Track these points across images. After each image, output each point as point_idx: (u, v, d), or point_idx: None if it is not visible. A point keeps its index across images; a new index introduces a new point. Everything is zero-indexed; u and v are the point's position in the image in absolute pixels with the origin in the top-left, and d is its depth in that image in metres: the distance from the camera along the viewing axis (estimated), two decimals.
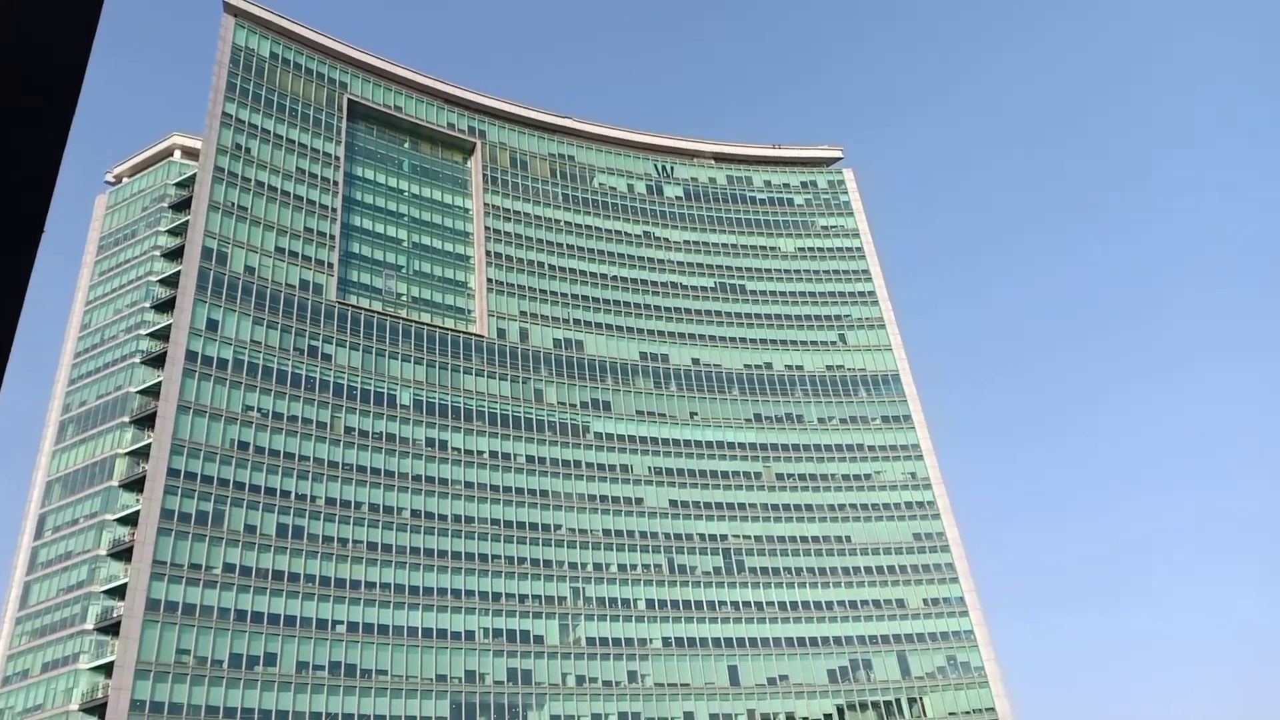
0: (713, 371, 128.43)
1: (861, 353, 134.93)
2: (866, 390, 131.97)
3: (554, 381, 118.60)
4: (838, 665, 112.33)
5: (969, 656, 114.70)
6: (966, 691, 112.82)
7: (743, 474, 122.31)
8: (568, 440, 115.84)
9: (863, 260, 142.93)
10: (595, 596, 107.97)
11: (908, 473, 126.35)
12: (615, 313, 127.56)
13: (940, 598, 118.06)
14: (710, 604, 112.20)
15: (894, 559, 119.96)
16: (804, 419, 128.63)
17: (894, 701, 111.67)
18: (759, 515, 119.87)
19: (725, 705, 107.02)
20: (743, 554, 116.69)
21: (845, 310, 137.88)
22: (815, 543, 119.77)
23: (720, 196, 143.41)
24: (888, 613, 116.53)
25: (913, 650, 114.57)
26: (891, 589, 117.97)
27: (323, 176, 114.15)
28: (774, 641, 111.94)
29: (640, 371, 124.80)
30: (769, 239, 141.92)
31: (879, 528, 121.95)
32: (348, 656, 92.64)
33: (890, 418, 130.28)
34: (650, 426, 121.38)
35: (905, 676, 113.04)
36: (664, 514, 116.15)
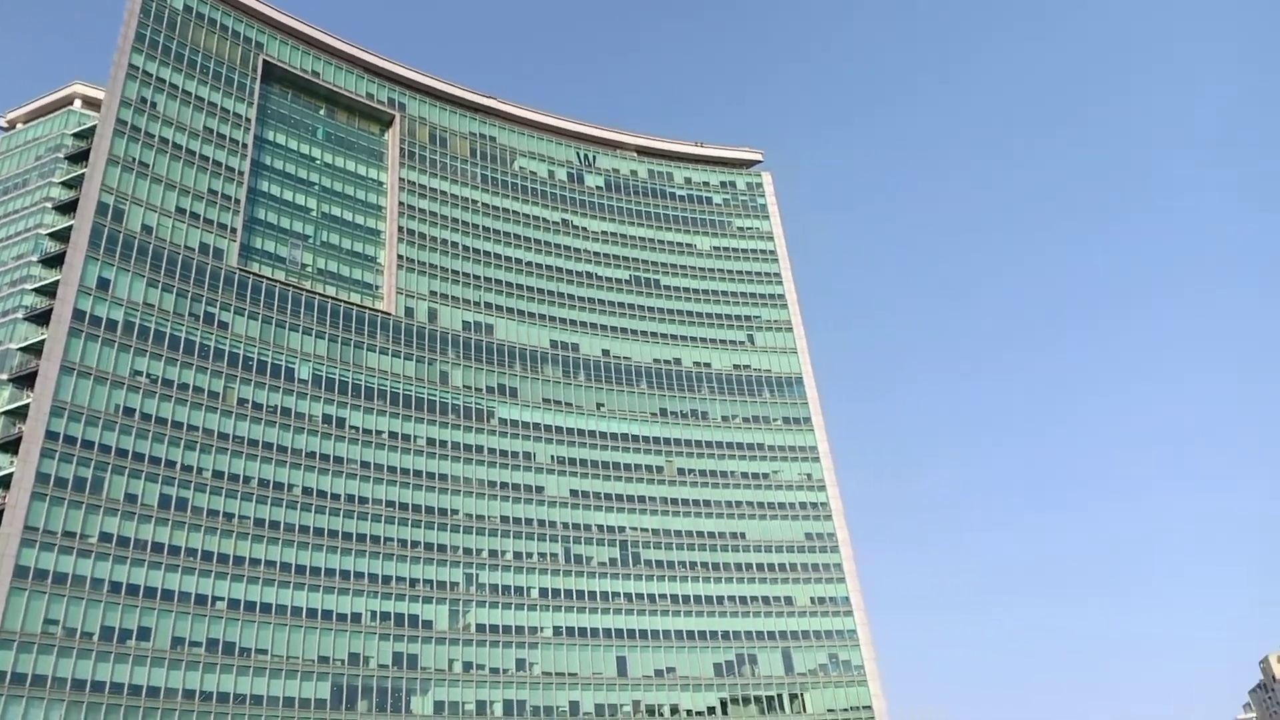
0: (622, 364, 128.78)
1: (768, 354, 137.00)
2: (770, 391, 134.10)
3: (461, 364, 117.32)
4: (724, 659, 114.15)
5: (850, 655, 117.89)
6: (846, 689, 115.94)
7: (645, 467, 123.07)
8: (471, 425, 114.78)
9: (775, 264, 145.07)
10: (488, 583, 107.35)
11: (804, 474, 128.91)
12: (528, 298, 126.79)
13: (827, 597, 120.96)
14: (604, 594, 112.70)
15: (785, 557, 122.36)
16: (708, 416, 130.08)
17: (776, 697, 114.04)
18: (658, 509, 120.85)
19: (612, 696, 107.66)
20: (639, 546, 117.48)
21: (755, 312, 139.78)
22: (711, 538, 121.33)
23: (641, 190, 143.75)
24: (775, 610, 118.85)
25: (797, 647, 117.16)
26: (781, 586, 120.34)
27: (231, 138, 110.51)
28: (664, 634, 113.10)
29: (550, 359, 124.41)
30: (686, 236, 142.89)
31: (773, 526, 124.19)
32: (226, 634, 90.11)
33: (791, 419, 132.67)
34: (556, 415, 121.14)
35: (789, 673, 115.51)
36: (564, 503, 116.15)
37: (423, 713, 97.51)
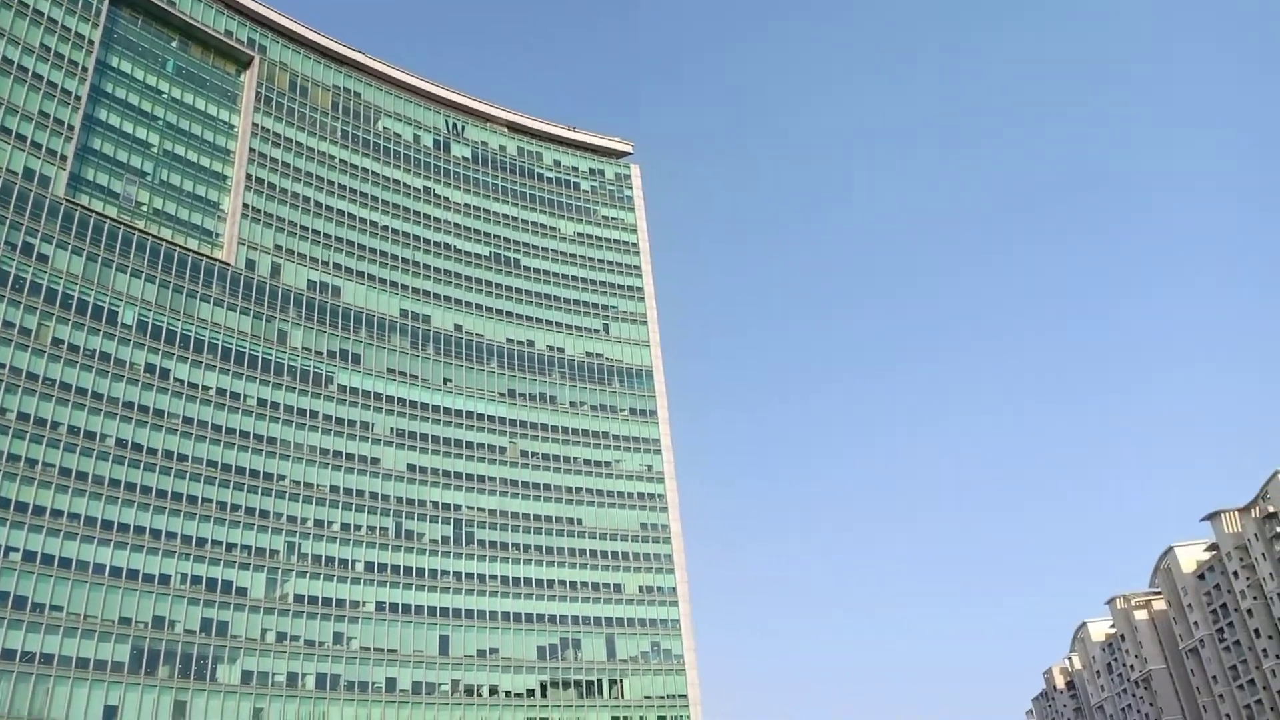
0: (474, 340, 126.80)
1: (621, 345, 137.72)
2: (620, 382, 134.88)
3: (301, 325, 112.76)
4: (548, 643, 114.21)
5: (672, 644, 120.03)
6: (665, 677, 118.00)
7: (488, 447, 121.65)
8: (307, 389, 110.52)
9: (636, 256, 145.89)
10: (311, 553, 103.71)
11: (645, 465, 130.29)
12: (380, 264, 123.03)
13: (655, 586, 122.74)
14: (432, 572, 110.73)
15: (619, 545, 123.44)
16: (557, 401, 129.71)
17: (596, 682, 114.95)
18: (497, 489, 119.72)
19: (431, 674, 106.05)
20: (474, 526, 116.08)
21: (613, 302, 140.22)
22: (548, 522, 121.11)
23: (509, 166, 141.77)
24: (604, 596, 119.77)
25: (621, 634, 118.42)
26: (612, 574, 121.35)
27: (70, 59, 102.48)
28: (489, 615, 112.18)
29: (398, 329, 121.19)
30: (550, 218, 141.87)
31: (611, 514, 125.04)
32: (19, 587, 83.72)
33: (638, 411, 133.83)
34: (400, 387, 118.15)
35: (610, 658, 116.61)
36: (400, 477, 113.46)
37: (229, 681, 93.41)
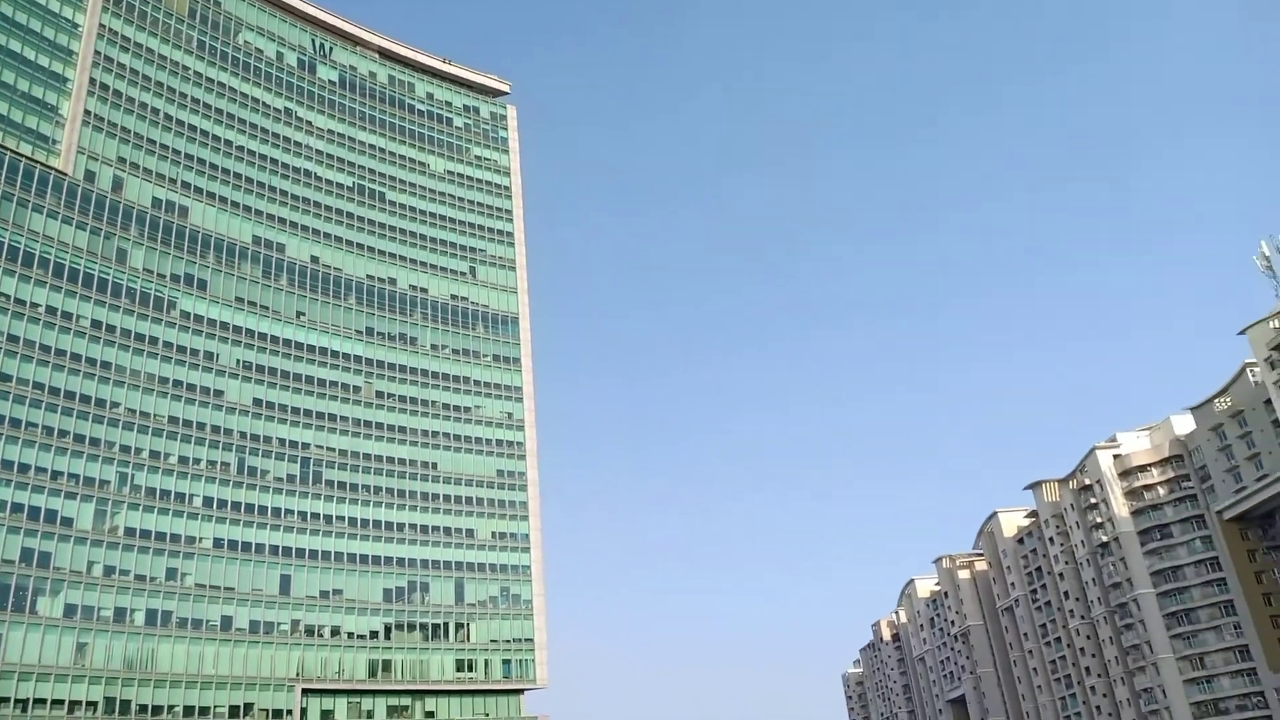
0: (331, 274, 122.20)
1: (488, 289, 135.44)
2: (485, 327, 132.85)
3: (144, 245, 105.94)
4: (395, 585, 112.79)
5: (521, 590, 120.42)
6: (512, 621, 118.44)
7: (341, 385, 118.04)
8: (148, 313, 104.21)
9: (508, 200, 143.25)
10: (145, 486, 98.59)
11: (505, 412, 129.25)
12: (234, 186, 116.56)
13: (508, 533, 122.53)
14: (275, 510, 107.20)
15: (474, 491, 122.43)
16: (418, 342, 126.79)
17: (443, 625, 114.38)
18: (349, 430, 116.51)
19: (270, 614, 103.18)
20: (323, 465, 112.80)
21: (481, 244, 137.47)
22: (401, 465, 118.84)
23: (378, 95, 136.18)
24: (455, 541, 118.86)
25: (471, 579, 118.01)
26: (465, 519, 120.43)
27: None
28: (335, 556, 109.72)
29: (250, 256, 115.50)
30: (420, 153, 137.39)
31: (467, 460, 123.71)
32: None
33: (501, 358, 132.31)
34: (249, 317, 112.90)
35: (459, 602, 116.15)
36: (245, 411, 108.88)
37: (50, 614, 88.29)
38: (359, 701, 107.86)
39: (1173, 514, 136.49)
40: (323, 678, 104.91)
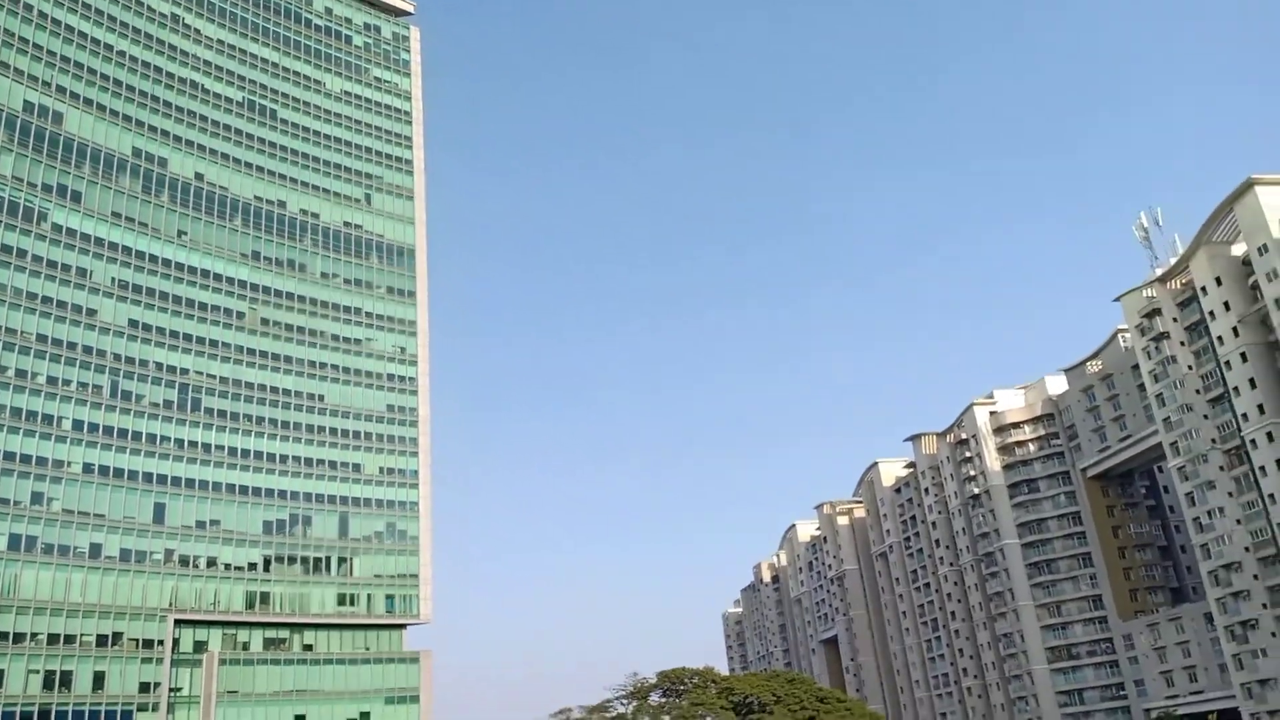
0: (217, 193, 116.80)
1: (384, 219, 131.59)
2: (379, 257, 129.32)
3: (14, 151, 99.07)
4: (276, 518, 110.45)
5: (408, 526, 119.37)
6: (397, 557, 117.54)
7: (224, 310, 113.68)
8: (15, 224, 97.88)
9: (408, 126, 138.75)
10: (10, 406, 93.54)
11: (398, 346, 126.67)
12: (114, 94, 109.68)
13: (396, 468, 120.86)
14: (150, 437, 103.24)
15: (362, 425, 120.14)
16: (307, 269, 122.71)
17: (325, 559, 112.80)
18: (231, 356, 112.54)
19: (143, 543, 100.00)
20: (202, 392, 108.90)
21: (378, 171, 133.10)
22: (286, 395, 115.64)
23: (273, 6, 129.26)
24: (341, 475, 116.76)
25: (356, 513, 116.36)
26: (352, 453, 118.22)
27: None
28: (213, 485, 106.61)
29: (130, 169, 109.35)
30: (316, 71, 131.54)
31: (356, 393, 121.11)
32: None
33: (395, 290, 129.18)
34: (126, 234, 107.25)
35: (342, 536, 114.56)
36: (119, 333, 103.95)
37: None
38: (234, 633, 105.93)
39: (1041, 470, 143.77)
40: (197, 608, 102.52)
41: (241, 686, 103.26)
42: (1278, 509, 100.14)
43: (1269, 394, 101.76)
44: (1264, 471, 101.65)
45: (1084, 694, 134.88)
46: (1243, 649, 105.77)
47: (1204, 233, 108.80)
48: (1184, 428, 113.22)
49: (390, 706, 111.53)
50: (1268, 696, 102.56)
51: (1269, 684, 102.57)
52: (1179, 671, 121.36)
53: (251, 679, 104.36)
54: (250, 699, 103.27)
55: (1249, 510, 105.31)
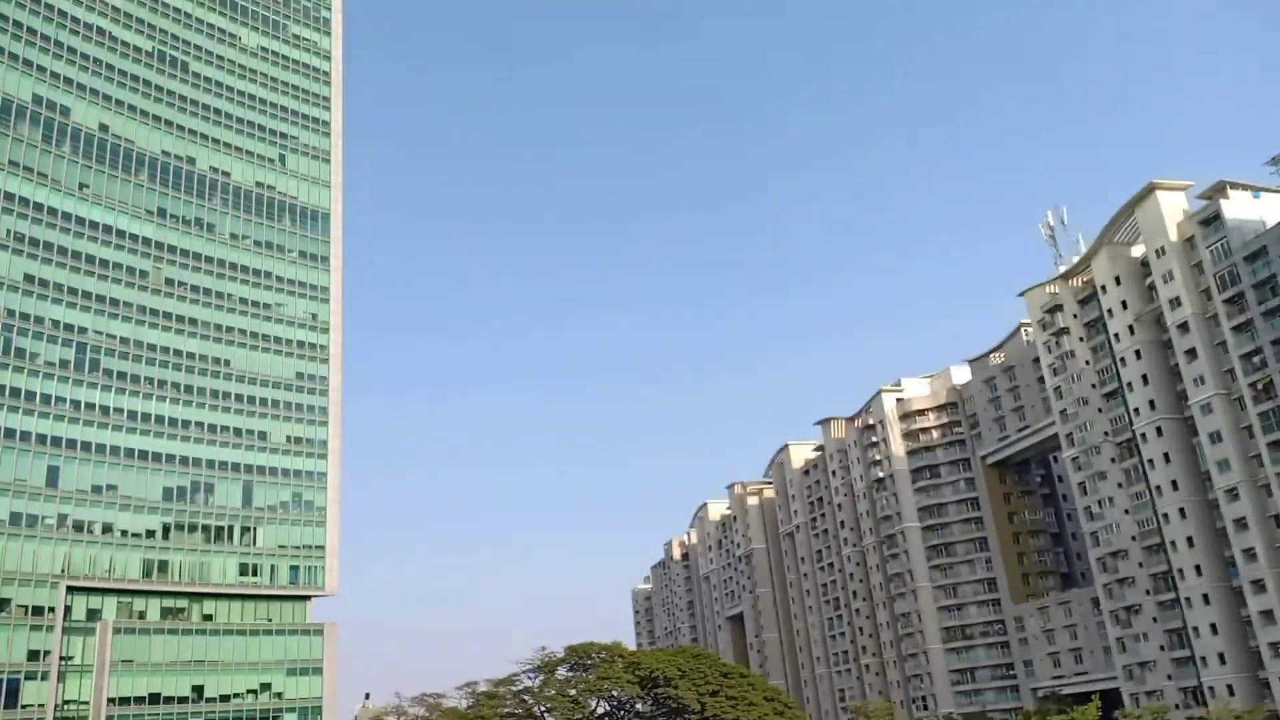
0: (123, 146, 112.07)
1: (298, 181, 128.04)
2: (292, 220, 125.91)
3: None
4: (177, 484, 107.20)
5: (315, 497, 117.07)
6: (303, 528, 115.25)
7: (127, 268, 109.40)
8: None
9: (327, 86, 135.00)
10: None
11: (310, 313, 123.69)
12: (13, 36, 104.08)
13: (304, 438, 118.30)
14: (45, 397, 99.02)
15: (270, 393, 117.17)
16: (216, 229, 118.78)
17: (227, 528, 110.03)
18: (133, 316, 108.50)
19: (35, 506, 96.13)
20: (101, 352, 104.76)
21: (294, 132, 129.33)
22: (190, 359, 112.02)
23: None
24: (246, 442, 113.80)
25: (261, 482, 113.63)
26: (258, 420, 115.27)
27: None
28: (110, 449, 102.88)
29: (29, 117, 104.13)
30: (231, 24, 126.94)
31: (264, 359, 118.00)
32: None
33: (308, 255, 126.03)
34: (24, 184, 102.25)
35: (246, 505, 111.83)
36: (14, 288, 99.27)
37: None
38: (130, 602, 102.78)
39: (943, 456, 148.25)
40: (91, 575, 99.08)
41: (137, 656, 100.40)
42: (1164, 500, 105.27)
43: (1160, 390, 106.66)
44: (1152, 464, 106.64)
45: (976, 673, 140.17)
46: (1126, 633, 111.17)
47: (1106, 234, 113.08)
48: (1079, 420, 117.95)
49: (293, 678, 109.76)
50: (1146, 678, 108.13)
51: (1148, 666, 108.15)
52: (1065, 653, 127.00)
53: (147, 649, 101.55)
54: (146, 669, 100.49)
55: (1137, 501, 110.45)
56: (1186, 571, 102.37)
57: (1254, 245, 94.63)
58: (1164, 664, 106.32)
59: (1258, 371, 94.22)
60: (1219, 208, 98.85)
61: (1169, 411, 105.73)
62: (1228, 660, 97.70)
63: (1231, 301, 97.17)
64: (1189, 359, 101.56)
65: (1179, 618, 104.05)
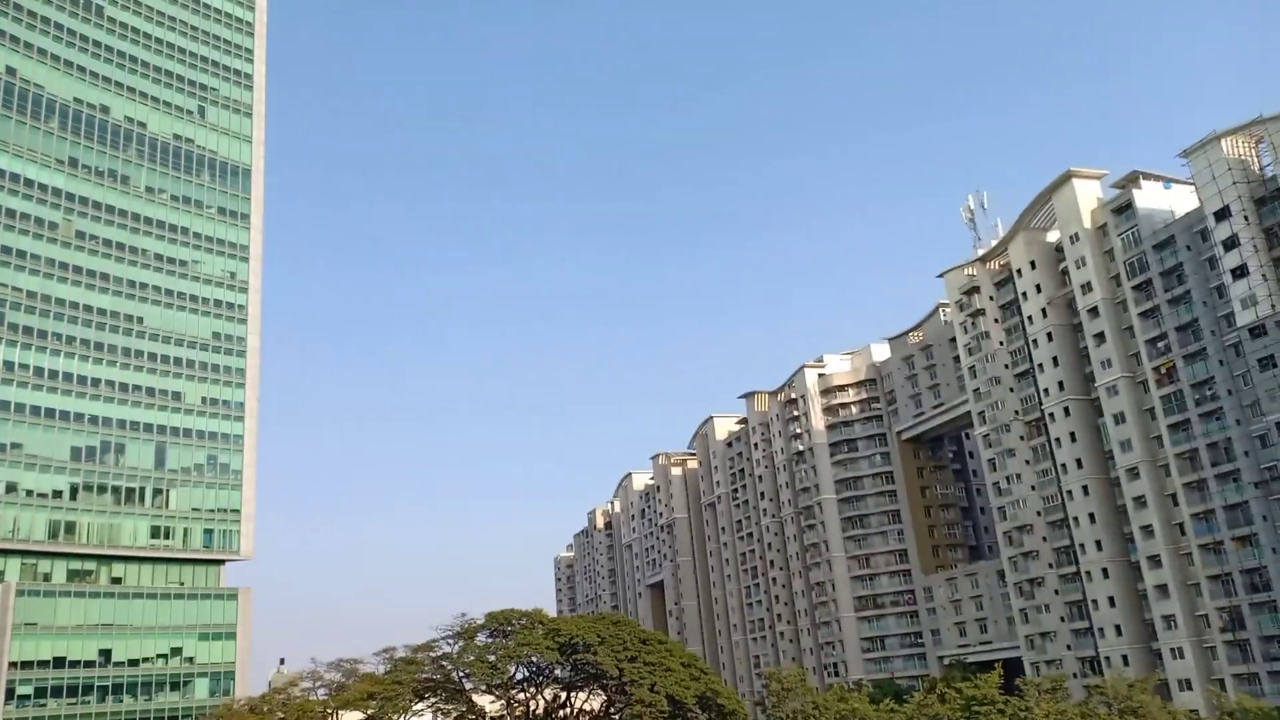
0: (31, 91, 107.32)
1: (219, 135, 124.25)
2: (211, 175, 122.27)
3: None
4: (86, 444, 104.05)
5: (230, 460, 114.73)
6: (218, 491, 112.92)
7: (36, 219, 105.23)
8: None
9: (249, 38, 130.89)
10: None
11: (228, 271, 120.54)
12: None
13: (221, 399, 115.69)
14: None
15: (185, 352, 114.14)
16: (131, 182, 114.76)
17: (139, 489, 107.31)
18: (41, 270, 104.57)
19: None
20: (7, 306, 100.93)
21: (214, 83, 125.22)
22: (101, 315, 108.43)
23: None
24: (160, 402, 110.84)
25: (175, 443, 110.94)
26: (172, 380, 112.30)
27: None
28: (16, 406, 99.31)
29: None
30: None
31: (179, 317, 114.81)
32: None
33: (228, 212, 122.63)
34: None
35: (159, 467, 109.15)
36: None
37: None
38: (35, 563, 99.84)
39: (861, 431, 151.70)
40: None
41: (41, 619, 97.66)
42: (1068, 478, 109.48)
43: (1069, 372, 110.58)
44: (1059, 443, 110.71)
45: (886, 641, 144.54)
46: (1029, 604, 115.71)
47: (1024, 218, 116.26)
48: (991, 399, 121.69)
49: (205, 643, 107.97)
50: (1047, 648, 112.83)
51: (1049, 636, 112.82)
52: (971, 623, 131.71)
53: (53, 611, 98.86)
54: (51, 632, 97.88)
55: (1043, 478, 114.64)
56: (1088, 546, 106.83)
57: (1163, 235, 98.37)
58: (1064, 635, 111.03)
59: (1161, 356, 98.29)
60: (1131, 197, 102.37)
61: (1077, 393, 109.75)
62: (1123, 632, 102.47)
63: (1139, 288, 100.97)
64: (1097, 342, 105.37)
65: (1079, 591, 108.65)
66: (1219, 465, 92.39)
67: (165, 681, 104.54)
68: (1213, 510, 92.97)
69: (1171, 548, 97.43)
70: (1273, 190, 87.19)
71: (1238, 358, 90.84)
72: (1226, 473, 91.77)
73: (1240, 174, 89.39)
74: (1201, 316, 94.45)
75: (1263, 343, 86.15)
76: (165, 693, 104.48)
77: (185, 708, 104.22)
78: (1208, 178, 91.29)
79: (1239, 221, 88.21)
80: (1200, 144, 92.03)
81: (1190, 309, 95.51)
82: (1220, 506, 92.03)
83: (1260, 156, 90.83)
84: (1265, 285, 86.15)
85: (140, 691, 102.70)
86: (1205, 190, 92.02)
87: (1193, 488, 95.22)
